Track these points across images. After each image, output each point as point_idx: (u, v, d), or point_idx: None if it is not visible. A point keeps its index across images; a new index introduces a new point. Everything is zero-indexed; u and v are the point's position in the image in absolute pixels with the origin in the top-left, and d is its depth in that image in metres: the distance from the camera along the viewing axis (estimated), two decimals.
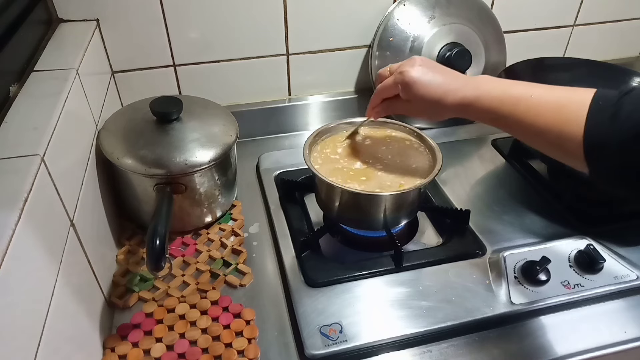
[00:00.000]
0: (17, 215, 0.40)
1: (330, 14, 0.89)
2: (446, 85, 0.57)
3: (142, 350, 0.58)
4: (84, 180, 0.60)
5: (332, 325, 0.58)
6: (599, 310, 0.63)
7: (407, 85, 0.58)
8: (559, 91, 0.51)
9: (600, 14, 1.05)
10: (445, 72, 0.59)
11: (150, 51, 0.85)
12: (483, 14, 0.93)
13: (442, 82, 0.58)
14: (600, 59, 0.99)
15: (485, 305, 0.61)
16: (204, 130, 0.70)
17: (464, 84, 0.57)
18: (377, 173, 0.68)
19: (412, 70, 0.58)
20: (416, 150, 0.72)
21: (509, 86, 0.54)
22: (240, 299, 0.65)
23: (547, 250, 0.68)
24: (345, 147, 0.73)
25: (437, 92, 0.57)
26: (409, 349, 0.59)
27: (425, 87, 0.57)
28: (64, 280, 0.48)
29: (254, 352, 0.58)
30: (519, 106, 0.52)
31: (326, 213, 0.74)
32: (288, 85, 0.95)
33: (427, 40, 0.88)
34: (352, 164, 0.70)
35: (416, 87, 0.58)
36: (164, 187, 0.66)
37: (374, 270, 0.65)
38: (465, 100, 0.56)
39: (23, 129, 0.50)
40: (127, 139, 0.68)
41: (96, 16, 0.79)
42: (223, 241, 0.72)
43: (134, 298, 0.64)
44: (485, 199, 0.79)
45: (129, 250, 0.71)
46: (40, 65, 0.63)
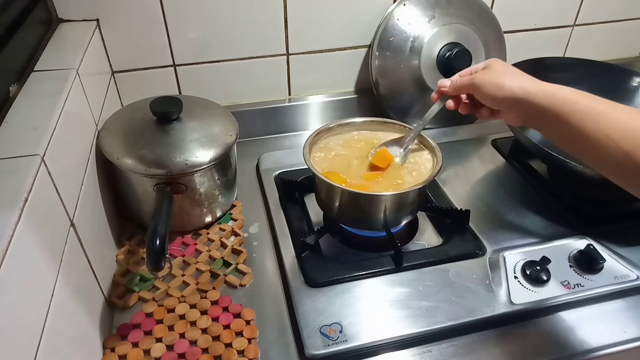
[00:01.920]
0: (17, 215, 0.40)
1: (330, 14, 0.89)
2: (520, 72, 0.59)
3: (142, 350, 0.58)
4: (84, 180, 0.60)
5: (332, 325, 0.58)
6: (599, 310, 0.63)
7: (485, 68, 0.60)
8: (632, 109, 0.49)
9: (600, 14, 1.05)
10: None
11: (150, 51, 0.85)
12: (483, 14, 0.93)
13: (517, 71, 0.59)
14: (600, 59, 0.99)
15: (485, 305, 0.61)
16: (204, 130, 0.70)
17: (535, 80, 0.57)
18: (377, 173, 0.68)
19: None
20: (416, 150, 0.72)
21: (578, 92, 0.52)
22: (240, 299, 0.65)
23: (547, 250, 0.68)
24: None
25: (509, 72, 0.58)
26: (409, 349, 0.59)
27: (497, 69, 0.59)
28: (64, 280, 0.48)
29: (254, 352, 0.58)
30: (594, 111, 0.50)
31: (326, 213, 0.74)
32: (288, 85, 0.95)
33: (427, 40, 0.88)
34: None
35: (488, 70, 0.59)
36: (164, 187, 0.66)
37: (374, 270, 0.65)
38: (535, 87, 0.55)
39: (23, 129, 0.50)
40: (127, 139, 0.68)
41: (96, 16, 0.79)
42: (223, 241, 0.72)
43: (134, 298, 0.64)
44: (485, 199, 0.79)
45: (129, 250, 0.71)
46: (40, 65, 0.63)
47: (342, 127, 0.75)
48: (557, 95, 0.53)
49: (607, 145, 0.48)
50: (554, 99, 0.52)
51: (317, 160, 0.70)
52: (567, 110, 0.51)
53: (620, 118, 0.48)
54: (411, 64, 0.89)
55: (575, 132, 0.51)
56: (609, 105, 0.50)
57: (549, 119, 0.53)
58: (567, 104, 0.51)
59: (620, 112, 0.49)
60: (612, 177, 0.51)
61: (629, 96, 0.88)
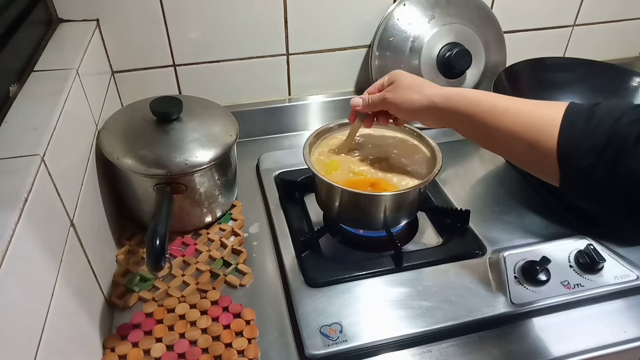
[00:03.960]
0: (17, 215, 0.40)
1: (330, 14, 0.89)
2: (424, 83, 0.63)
3: (142, 350, 0.58)
4: (84, 180, 0.60)
5: (332, 325, 0.58)
6: (599, 310, 0.64)
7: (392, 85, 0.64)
8: (532, 102, 0.53)
9: (600, 14, 1.05)
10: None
11: (150, 51, 0.85)
12: (483, 14, 0.93)
13: (422, 81, 0.63)
14: (600, 59, 0.99)
15: (485, 305, 0.61)
16: (204, 130, 0.70)
17: (439, 87, 0.61)
18: (377, 173, 0.68)
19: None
20: (416, 150, 0.73)
21: (482, 92, 0.56)
22: (240, 299, 0.65)
23: (547, 250, 0.67)
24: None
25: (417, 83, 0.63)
26: (409, 349, 0.59)
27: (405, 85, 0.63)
28: (64, 280, 0.48)
29: (254, 352, 0.58)
30: (495, 108, 0.53)
31: (326, 213, 0.74)
32: (288, 85, 0.95)
33: (427, 40, 0.88)
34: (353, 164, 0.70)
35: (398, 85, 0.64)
36: (164, 187, 0.66)
37: (374, 270, 0.65)
38: (440, 95, 0.59)
39: (23, 129, 0.50)
40: (127, 139, 0.68)
41: (96, 16, 0.79)
42: (223, 241, 0.72)
43: (134, 298, 0.64)
44: (485, 199, 0.79)
45: (129, 250, 0.71)
46: (41, 65, 0.63)
47: (342, 127, 0.75)
48: (463, 97, 0.57)
49: (512, 137, 0.51)
50: (459, 103, 0.56)
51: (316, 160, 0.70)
52: (472, 110, 0.55)
53: (521, 112, 0.51)
54: (411, 64, 0.89)
55: (483, 129, 0.54)
56: (510, 101, 0.53)
57: (458, 121, 0.57)
58: (471, 105, 0.55)
59: (522, 106, 0.52)
60: (523, 165, 0.54)
61: (629, 96, 0.88)
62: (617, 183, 0.44)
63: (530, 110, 0.51)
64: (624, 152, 0.43)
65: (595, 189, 0.46)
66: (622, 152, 0.43)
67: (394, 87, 0.63)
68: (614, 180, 0.44)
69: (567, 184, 0.48)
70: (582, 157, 0.46)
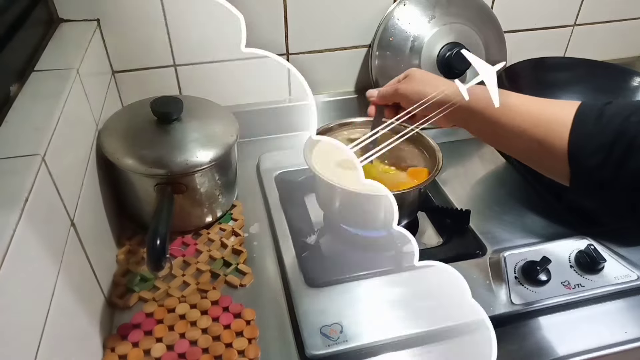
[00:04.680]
0: (17, 215, 0.40)
1: (330, 14, 0.89)
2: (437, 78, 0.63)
3: (143, 350, 0.58)
4: (84, 180, 0.60)
5: (332, 325, 0.58)
6: (600, 310, 0.64)
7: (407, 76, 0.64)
8: (543, 100, 0.52)
9: (600, 14, 1.05)
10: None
11: (151, 51, 0.85)
12: (483, 14, 0.93)
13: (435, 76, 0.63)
14: (601, 59, 0.99)
15: (485, 305, 0.61)
16: (204, 130, 0.70)
17: (450, 83, 0.60)
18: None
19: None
20: (416, 150, 0.73)
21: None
22: (240, 299, 0.65)
23: (547, 251, 0.68)
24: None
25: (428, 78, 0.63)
26: (409, 349, 0.59)
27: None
28: (65, 280, 0.48)
29: (254, 352, 0.58)
30: (505, 105, 0.53)
31: (326, 213, 0.74)
32: (288, 85, 0.95)
33: (427, 40, 0.88)
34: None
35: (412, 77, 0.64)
36: (165, 187, 0.66)
37: (374, 270, 0.65)
38: (450, 89, 0.58)
39: (23, 129, 0.50)
40: (127, 139, 0.68)
41: (97, 16, 0.79)
42: (223, 241, 0.72)
43: (134, 298, 0.64)
44: (485, 199, 0.79)
45: (129, 250, 0.71)
46: (41, 65, 0.63)
47: (342, 127, 0.75)
48: (473, 93, 0.56)
49: (520, 135, 0.52)
50: (470, 98, 0.56)
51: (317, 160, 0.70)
52: (482, 106, 0.55)
53: (531, 109, 0.51)
54: (411, 64, 0.89)
55: (492, 126, 0.55)
56: (521, 99, 0.53)
57: (468, 116, 0.57)
58: (481, 101, 0.55)
59: (532, 104, 0.52)
60: (532, 164, 0.54)
61: (629, 96, 0.88)
62: (625, 181, 0.44)
63: (540, 108, 0.51)
64: (633, 150, 0.43)
65: (603, 187, 0.46)
66: (631, 150, 0.43)
67: (407, 79, 0.64)
68: (622, 178, 0.44)
69: (577, 183, 0.48)
70: (591, 155, 0.46)
